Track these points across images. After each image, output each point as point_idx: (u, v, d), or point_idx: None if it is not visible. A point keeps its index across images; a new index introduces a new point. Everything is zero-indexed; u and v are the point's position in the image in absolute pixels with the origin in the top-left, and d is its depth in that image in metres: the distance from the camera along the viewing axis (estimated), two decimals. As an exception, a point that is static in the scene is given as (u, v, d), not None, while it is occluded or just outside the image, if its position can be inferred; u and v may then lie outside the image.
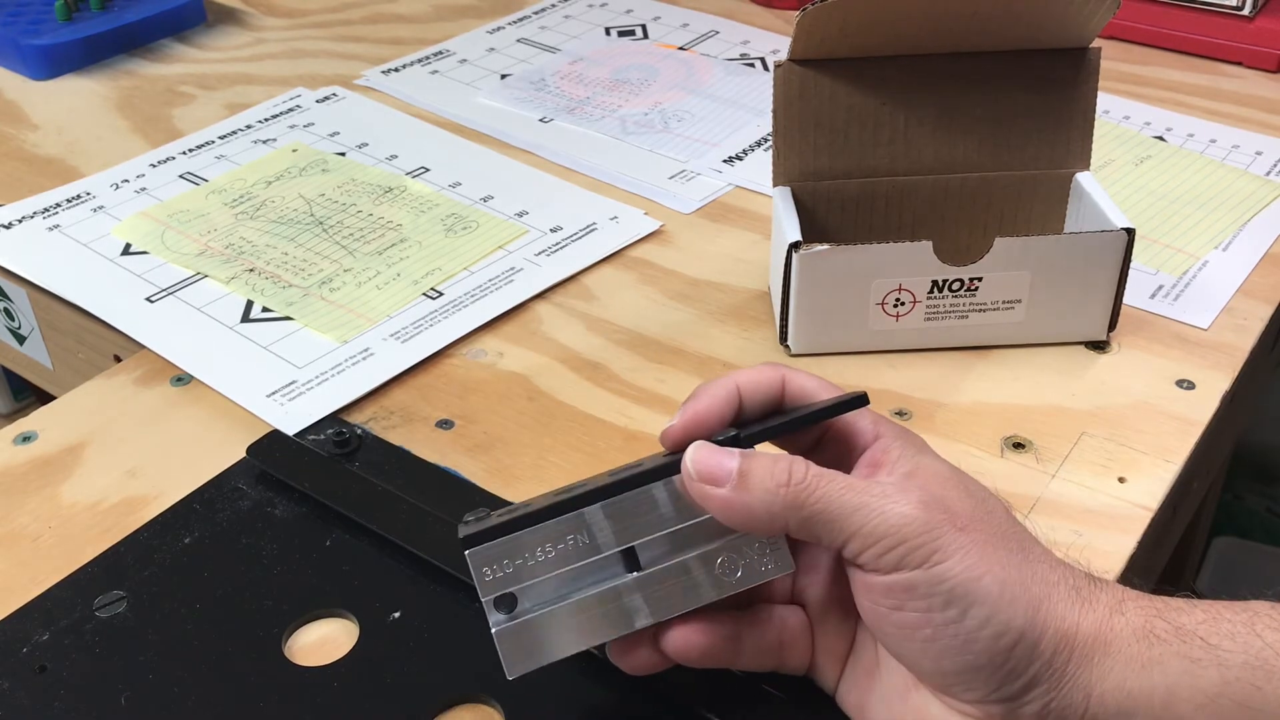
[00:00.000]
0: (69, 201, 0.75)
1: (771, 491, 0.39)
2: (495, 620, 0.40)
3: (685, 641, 0.41)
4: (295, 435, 0.56)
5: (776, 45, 0.96)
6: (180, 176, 0.78)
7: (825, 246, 0.58)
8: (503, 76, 0.92)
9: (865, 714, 0.42)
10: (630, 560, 0.41)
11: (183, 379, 0.61)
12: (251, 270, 0.68)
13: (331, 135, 0.83)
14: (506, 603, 0.40)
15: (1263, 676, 0.36)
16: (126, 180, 0.78)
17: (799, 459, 0.39)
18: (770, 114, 0.62)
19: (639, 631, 0.41)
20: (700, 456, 0.40)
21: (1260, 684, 0.36)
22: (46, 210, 0.74)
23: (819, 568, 0.43)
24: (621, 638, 0.41)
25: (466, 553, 0.40)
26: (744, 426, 0.42)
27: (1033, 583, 0.38)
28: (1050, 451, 0.56)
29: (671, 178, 0.78)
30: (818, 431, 0.43)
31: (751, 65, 0.93)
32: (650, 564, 0.41)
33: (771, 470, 0.39)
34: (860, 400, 0.41)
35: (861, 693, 0.42)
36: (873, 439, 0.42)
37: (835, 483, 0.39)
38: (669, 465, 0.41)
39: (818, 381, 0.43)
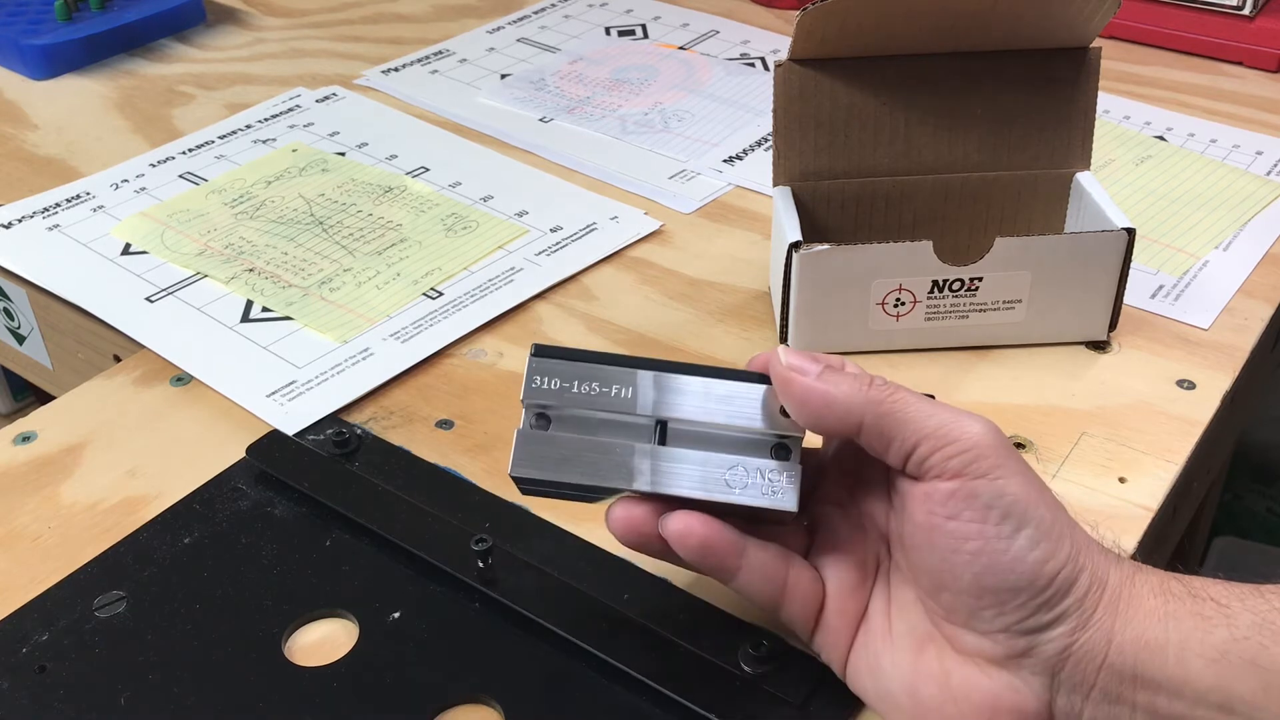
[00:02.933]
0: (69, 201, 0.75)
1: (854, 385, 0.40)
2: (525, 422, 0.43)
3: (685, 525, 0.41)
4: (295, 435, 0.56)
5: (776, 45, 0.96)
6: (180, 176, 0.78)
7: (825, 246, 0.58)
8: (503, 76, 0.92)
9: (878, 679, 0.42)
10: (660, 432, 0.43)
11: (182, 379, 0.61)
12: (251, 270, 0.68)
13: (331, 135, 0.83)
14: (541, 415, 0.43)
15: (1270, 636, 0.37)
16: (126, 180, 0.78)
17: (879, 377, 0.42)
18: (770, 114, 0.62)
19: (643, 502, 0.43)
20: (789, 353, 0.42)
21: (1268, 643, 0.37)
22: (46, 210, 0.74)
23: (836, 534, 0.44)
24: (624, 501, 0.43)
25: (530, 358, 0.43)
26: None
27: (1073, 529, 0.40)
28: (1050, 451, 0.56)
29: (671, 178, 0.78)
30: None
31: (751, 65, 0.93)
32: (673, 442, 0.43)
33: (855, 372, 0.41)
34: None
35: (874, 656, 0.42)
36: None
37: (913, 395, 0.41)
38: (733, 371, 0.43)
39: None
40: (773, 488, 0.42)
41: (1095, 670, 0.39)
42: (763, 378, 0.43)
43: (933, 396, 0.42)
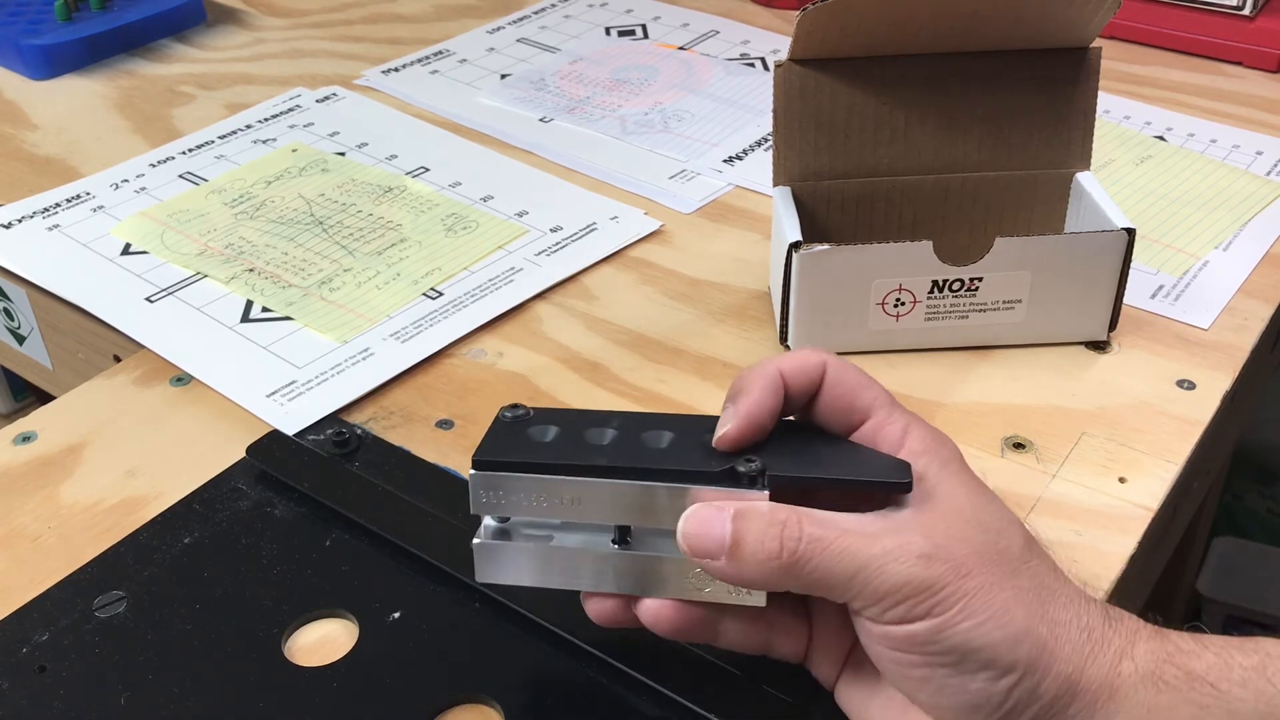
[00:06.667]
0: (69, 201, 0.75)
1: (764, 564, 0.38)
2: (482, 531, 0.43)
3: (656, 613, 0.42)
4: (295, 435, 0.56)
5: (776, 45, 0.96)
6: (180, 176, 0.78)
7: (825, 246, 0.58)
8: (503, 76, 0.92)
9: (865, 718, 0.42)
10: (621, 530, 0.42)
11: (182, 379, 0.61)
12: (251, 270, 0.68)
13: (331, 135, 0.83)
14: (499, 519, 0.43)
15: None
16: (126, 180, 0.78)
17: (793, 517, 0.38)
18: (770, 114, 0.62)
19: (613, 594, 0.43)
20: (691, 529, 0.39)
21: None
22: (46, 210, 0.74)
23: None
24: (596, 594, 0.43)
25: (470, 473, 0.42)
26: (772, 452, 0.41)
27: (1039, 624, 0.38)
28: (1050, 452, 0.56)
29: (671, 178, 0.78)
30: (844, 428, 0.42)
31: (751, 65, 0.93)
32: (634, 545, 0.42)
33: (763, 539, 0.38)
34: (904, 486, 0.40)
35: (863, 697, 0.42)
36: (899, 447, 0.41)
37: (831, 548, 0.38)
38: (683, 474, 0.40)
39: (856, 373, 0.42)
40: (737, 588, 0.41)
41: None
42: (720, 474, 0.40)
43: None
